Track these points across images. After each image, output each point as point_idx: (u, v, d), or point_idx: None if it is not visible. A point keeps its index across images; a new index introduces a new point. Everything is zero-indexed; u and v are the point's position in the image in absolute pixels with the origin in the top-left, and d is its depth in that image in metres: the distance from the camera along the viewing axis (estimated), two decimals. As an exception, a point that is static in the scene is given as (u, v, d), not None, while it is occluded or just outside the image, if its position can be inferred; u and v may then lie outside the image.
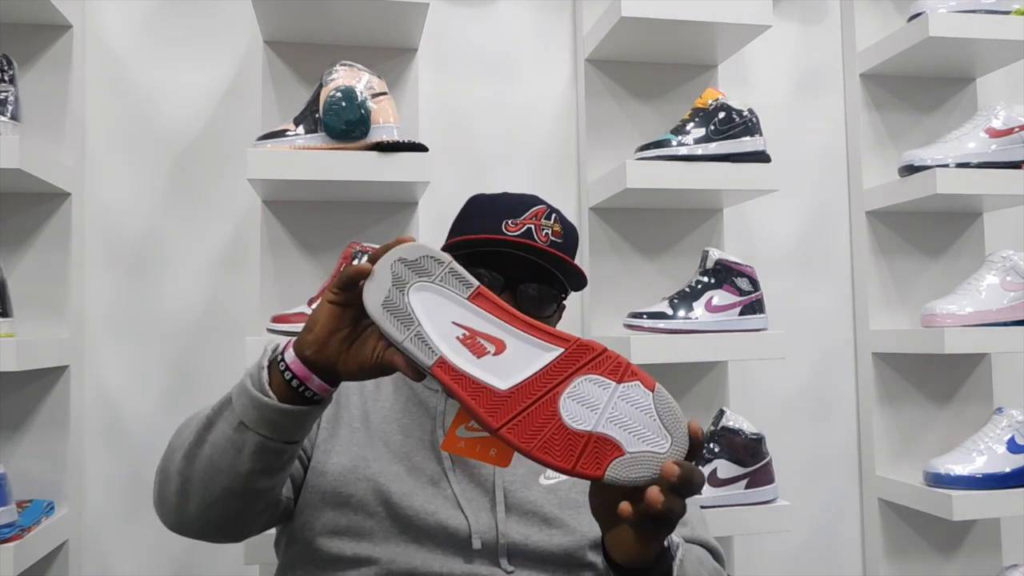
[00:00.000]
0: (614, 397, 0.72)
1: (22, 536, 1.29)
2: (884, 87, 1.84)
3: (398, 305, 0.75)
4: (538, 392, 0.72)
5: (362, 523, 0.98)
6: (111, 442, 1.55)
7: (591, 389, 0.72)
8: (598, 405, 0.71)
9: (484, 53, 1.73)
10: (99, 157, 1.58)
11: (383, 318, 0.75)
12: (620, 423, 0.71)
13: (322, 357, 0.79)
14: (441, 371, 0.73)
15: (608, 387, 0.72)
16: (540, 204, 1.10)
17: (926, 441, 1.79)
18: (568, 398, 0.72)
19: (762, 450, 1.51)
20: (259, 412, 0.80)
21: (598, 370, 0.73)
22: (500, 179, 1.71)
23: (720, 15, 1.53)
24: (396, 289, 0.76)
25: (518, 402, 0.72)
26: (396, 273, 0.76)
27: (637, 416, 0.71)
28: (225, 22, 1.63)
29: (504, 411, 0.72)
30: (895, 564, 1.76)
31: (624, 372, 0.73)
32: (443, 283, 0.76)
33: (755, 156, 1.52)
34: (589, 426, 0.71)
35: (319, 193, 1.51)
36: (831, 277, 1.85)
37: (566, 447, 0.70)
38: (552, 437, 0.71)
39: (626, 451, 0.70)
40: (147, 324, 1.58)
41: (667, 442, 0.71)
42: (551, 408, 0.71)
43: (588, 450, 0.70)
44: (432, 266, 0.77)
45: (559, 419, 0.71)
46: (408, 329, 0.75)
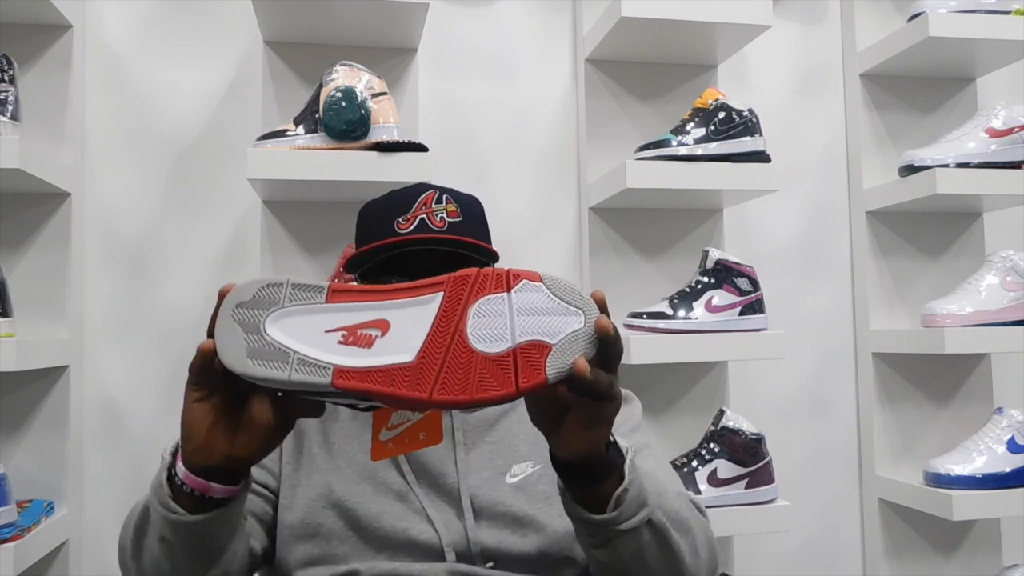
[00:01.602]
0: (512, 306, 0.69)
1: (22, 536, 1.29)
2: (884, 87, 1.84)
3: (262, 348, 0.68)
4: (444, 342, 0.68)
5: (335, 550, 0.97)
6: (111, 442, 1.55)
7: (489, 309, 0.69)
8: (503, 320, 0.69)
9: (484, 53, 1.73)
10: (99, 157, 1.58)
11: (256, 369, 0.68)
12: (532, 324, 0.69)
13: (214, 460, 0.73)
14: (343, 380, 0.67)
15: (502, 299, 0.69)
16: (428, 190, 1.06)
17: (926, 441, 1.79)
18: (473, 330, 0.68)
19: (762, 450, 1.51)
20: (174, 529, 0.76)
21: (484, 291, 0.70)
22: (500, 179, 1.71)
23: (720, 15, 1.53)
24: (251, 335, 0.69)
25: (432, 362, 0.68)
26: (242, 321, 0.69)
27: (541, 309, 0.69)
28: (225, 22, 1.63)
29: (424, 379, 0.67)
30: (895, 564, 1.76)
31: (508, 279, 0.70)
32: (293, 302, 0.70)
33: (755, 156, 1.52)
34: (508, 343, 0.68)
35: (319, 193, 1.51)
36: (831, 277, 1.85)
37: (499, 374, 0.67)
38: (482, 374, 0.67)
39: (551, 345, 0.68)
40: (147, 324, 1.58)
41: (580, 317, 0.69)
42: (464, 348, 0.68)
43: (520, 364, 0.68)
44: (272, 293, 0.70)
45: (477, 354, 0.68)
46: (287, 363, 0.68)
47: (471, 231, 1.06)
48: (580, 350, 0.69)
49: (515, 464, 1.03)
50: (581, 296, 0.70)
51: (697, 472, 1.49)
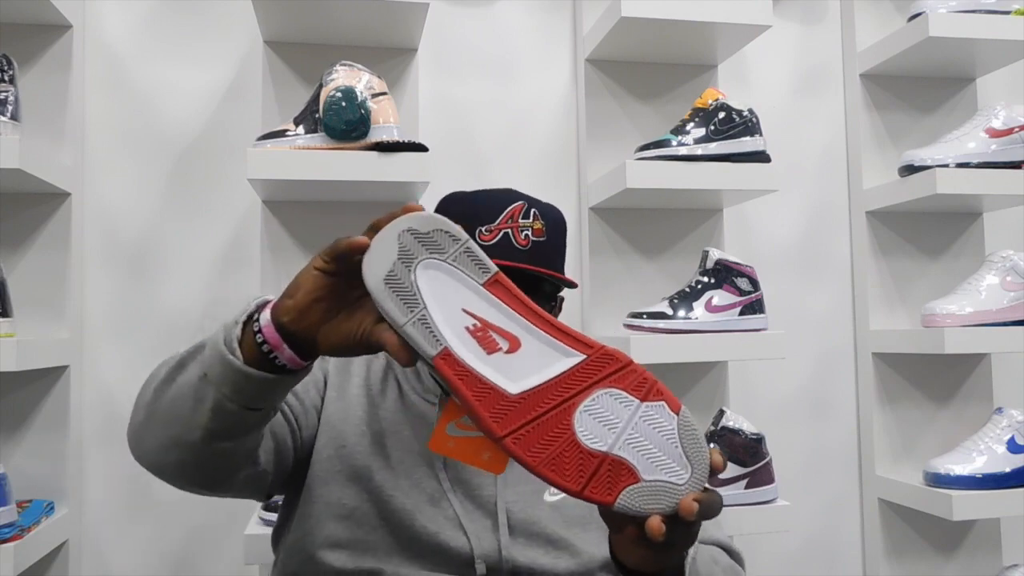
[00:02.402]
0: (635, 417, 0.65)
1: (22, 536, 1.29)
2: (884, 87, 1.84)
3: (402, 282, 0.66)
4: (552, 401, 0.65)
5: (365, 537, 0.95)
6: (111, 442, 1.55)
7: (611, 405, 0.65)
8: (617, 424, 0.65)
9: (484, 53, 1.73)
10: (99, 157, 1.58)
11: (384, 295, 0.66)
12: (639, 447, 0.64)
13: (300, 327, 0.72)
14: (444, 364, 0.65)
15: (630, 405, 0.65)
16: (517, 200, 1.03)
17: (926, 441, 1.79)
18: (584, 412, 0.65)
19: (762, 450, 1.51)
20: (222, 369, 0.74)
21: (621, 384, 0.66)
22: (500, 179, 1.71)
23: (720, 15, 1.53)
24: (402, 263, 0.67)
25: (528, 410, 0.65)
26: (404, 245, 0.67)
27: (658, 440, 0.65)
28: (225, 22, 1.63)
29: (511, 418, 0.64)
30: (895, 564, 1.76)
31: (649, 390, 0.66)
32: (456, 263, 0.67)
33: (755, 156, 1.52)
34: (605, 446, 0.64)
35: (319, 193, 1.51)
36: (831, 277, 1.85)
37: (577, 467, 0.64)
38: (562, 454, 0.64)
39: (642, 478, 0.64)
40: (147, 324, 1.58)
41: (687, 473, 0.64)
42: (565, 421, 0.64)
43: (601, 473, 0.64)
44: (446, 242, 0.67)
45: (572, 435, 0.64)
46: (412, 311, 0.66)
47: (552, 255, 1.04)
48: (662, 504, 0.64)
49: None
50: (702, 453, 0.65)
51: (697, 472, 1.49)
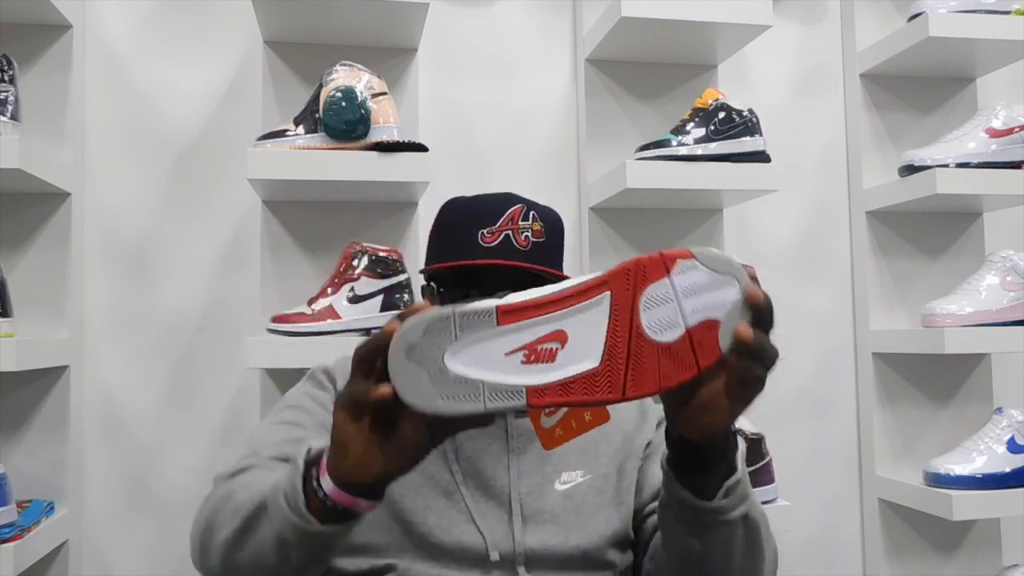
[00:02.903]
0: (676, 290, 0.70)
1: (22, 536, 1.29)
2: (884, 87, 1.84)
3: (449, 386, 0.67)
4: (624, 340, 0.69)
5: (378, 539, 0.97)
6: (111, 442, 1.55)
7: (656, 297, 0.70)
8: (672, 307, 0.69)
9: (484, 53, 1.73)
10: (99, 157, 1.58)
11: (447, 405, 0.67)
12: (697, 304, 0.69)
13: (368, 477, 0.71)
14: (539, 399, 0.68)
15: (666, 285, 0.70)
16: (516, 204, 1.05)
17: (926, 441, 1.78)
18: (648, 323, 0.69)
19: (762, 450, 1.51)
20: (300, 534, 0.74)
21: (647, 281, 0.70)
22: (500, 179, 1.71)
23: (720, 15, 1.53)
24: (434, 374, 0.67)
25: (618, 363, 0.69)
26: (419, 360, 0.67)
27: (702, 285, 0.70)
28: (225, 22, 1.63)
29: (615, 379, 0.69)
30: (895, 564, 1.76)
31: (665, 263, 0.70)
32: (465, 331, 0.68)
33: (755, 156, 1.51)
34: (681, 328, 0.69)
35: (319, 193, 1.51)
36: (831, 277, 1.85)
37: (680, 360, 0.69)
38: (663, 363, 0.69)
39: (720, 320, 0.69)
40: (147, 324, 1.58)
41: (735, 286, 0.70)
42: (643, 341, 0.69)
43: (697, 346, 0.69)
44: (441, 327, 0.67)
45: (656, 344, 0.69)
46: (479, 395, 0.67)
47: (552, 254, 1.07)
48: (741, 317, 0.70)
49: (565, 472, 1.04)
50: (732, 263, 0.70)
51: (697, 472, 1.49)
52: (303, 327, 1.38)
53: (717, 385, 0.72)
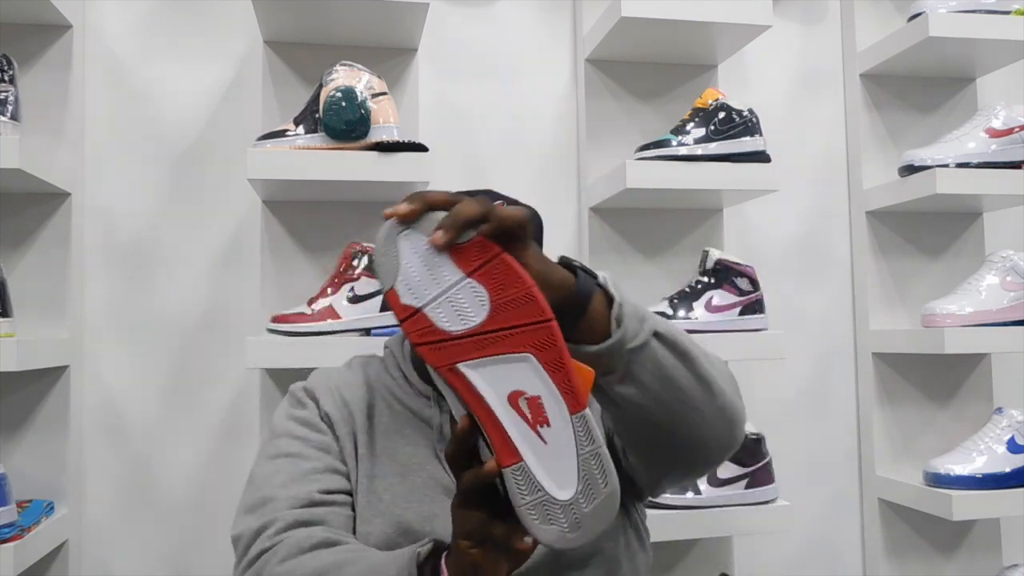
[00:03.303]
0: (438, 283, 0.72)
1: (22, 536, 1.29)
2: (884, 87, 1.84)
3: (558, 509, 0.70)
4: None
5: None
6: (111, 442, 1.55)
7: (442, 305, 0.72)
8: (450, 304, 0.72)
9: (484, 53, 1.73)
10: (99, 157, 1.58)
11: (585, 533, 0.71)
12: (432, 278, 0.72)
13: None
14: (577, 405, 0.71)
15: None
16: (497, 200, 1.05)
17: (926, 441, 1.79)
18: (446, 323, 0.72)
19: (762, 450, 1.51)
20: None
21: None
22: (500, 179, 1.71)
23: (720, 15, 1.53)
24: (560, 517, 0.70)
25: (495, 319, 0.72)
26: (539, 512, 0.70)
27: (424, 245, 0.73)
28: (225, 22, 1.63)
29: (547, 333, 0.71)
30: (895, 564, 1.76)
31: (392, 301, 0.73)
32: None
33: (755, 156, 1.51)
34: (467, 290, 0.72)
35: (319, 193, 1.51)
36: (831, 277, 1.85)
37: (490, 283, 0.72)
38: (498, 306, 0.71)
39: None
40: (147, 324, 1.58)
41: (418, 230, 0.73)
42: (496, 320, 0.72)
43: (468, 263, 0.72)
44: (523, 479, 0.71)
45: (463, 331, 0.71)
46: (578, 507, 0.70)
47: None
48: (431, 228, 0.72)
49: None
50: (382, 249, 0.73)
51: (697, 472, 1.49)
52: (303, 327, 1.38)
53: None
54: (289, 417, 1.04)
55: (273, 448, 1.01)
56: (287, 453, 0.99)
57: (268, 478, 0.97)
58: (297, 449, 0.99)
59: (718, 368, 0.88)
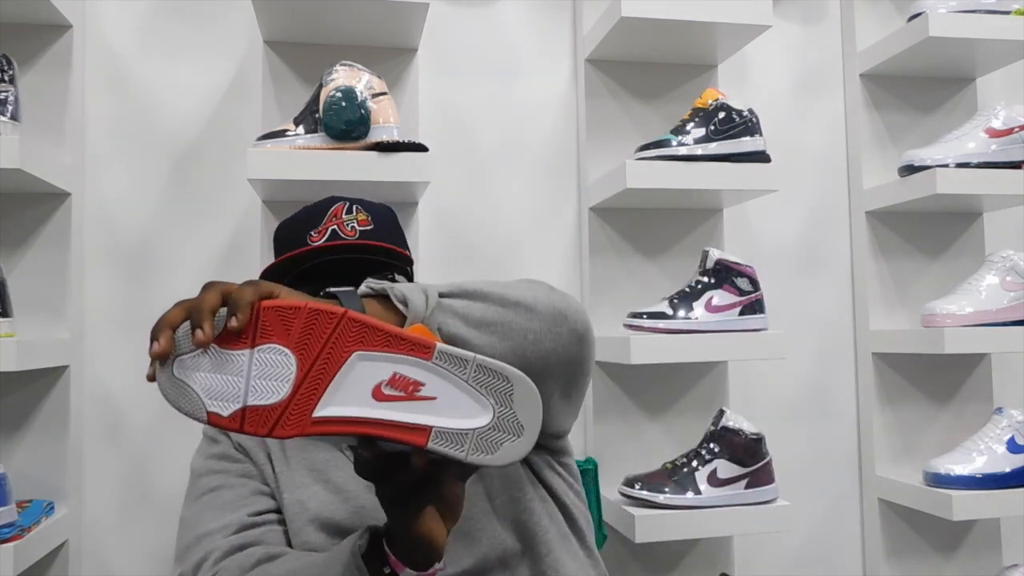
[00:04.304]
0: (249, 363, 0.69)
1: (22, 536, 1.29)
2: (884, 87, 1.84)
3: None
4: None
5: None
6: (111, 442, 1.55)
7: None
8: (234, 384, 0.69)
9: (484, 53, 1.73)
10: (99, 157, 1.58)
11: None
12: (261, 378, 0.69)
13: (440, 546, 0.75)
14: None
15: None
16: (338, 202, 1.08)
17: (926, 441, 1.79)
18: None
19: (762, 450, 1.51)
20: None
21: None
22: (500, 179, 1.71)
23: (720, 15, 1.53)
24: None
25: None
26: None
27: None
28: (225, 22, 1.63)
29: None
30: (895, 564, 1.76)
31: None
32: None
33: (755, 156, 1.52)
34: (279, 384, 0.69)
35: (319, 193, 1.50)
36: (831, 277, 1.85)
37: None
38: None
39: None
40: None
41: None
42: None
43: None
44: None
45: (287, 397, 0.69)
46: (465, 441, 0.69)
47: (383, 237, 1.07)
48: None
49: None
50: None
51: (697, 472, 1.49)
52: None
53: None
54: (206, 456, 1.06)
55: (196, 489, 1.03)
56: (210, 489, 1.01)
57: (197, 516, 0.99)
58: (219, 482, 1.02)
59: (529, 288, 0.87)
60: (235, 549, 0.93)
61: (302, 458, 1.04)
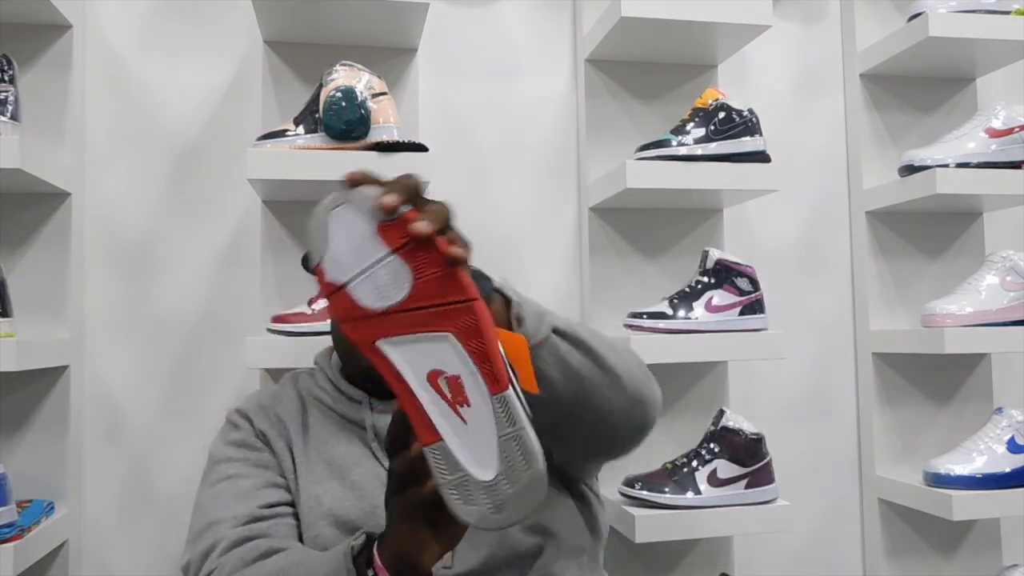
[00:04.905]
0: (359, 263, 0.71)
1: (22, 536, 1.29)
2: (884, 87, 1.84)
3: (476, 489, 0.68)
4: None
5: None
6: (111, 442, 1.55)
7: (358, 276, 0.71)
8: (366, 274, 0.70)
9: (484, 53, 1.73)
10: (99, 157, 1.58)
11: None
12: (367, 250, 0.71)
13: (429, 564, 0.75)
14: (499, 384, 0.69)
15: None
16: None
17: (926, 441, 1.78)
18: (368, 300, 0.70)
19: (762, 450, 1.51)
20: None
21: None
22: (500, 179, 1.71)
23: (720, 15, 1.53)
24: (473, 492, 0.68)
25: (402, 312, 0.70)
26: (457, 490, 0.69)
27: (361, 227, 0.72)
28: (225, 22, 1.63)
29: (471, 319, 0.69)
30: (895, 564, 1.76)
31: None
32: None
33: (755, 156, 1.51)
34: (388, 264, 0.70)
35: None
36: (831, 277, 1.85)
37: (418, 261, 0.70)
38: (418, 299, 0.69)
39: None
40: (147, 324, 1.58)
41: (366, 204, 0.72)
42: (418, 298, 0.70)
43: (413, 259, 0.70)
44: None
45: (382, 309, 0.70)
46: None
47: None
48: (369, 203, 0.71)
49: None
50: (349, 194, 0.73)
51: (697, 472, 1.49)
52: (303, 327, 1.38)
53: None
54: (225, 443, 1.08)
55: (213, 475, 1.04)
56: (226, 476, 1.03)
57: (210, 503, 1.00)
58: (236, 471, 1.03)
59: (624, 357, 0.89)
60: (241, 540, 0.94)
61: (322, 452, 1.05)
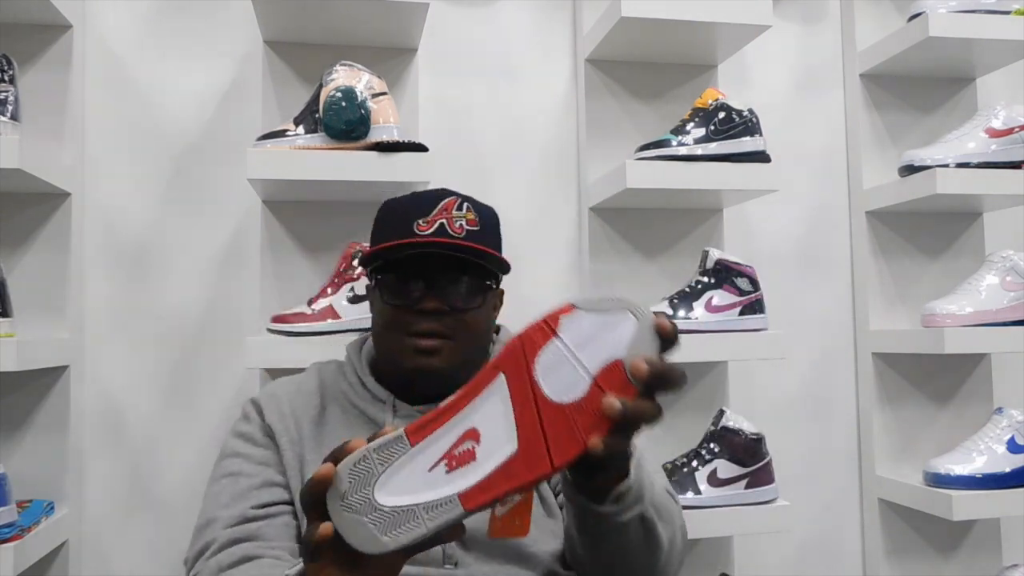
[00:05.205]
0: (567, 347, 0.69)
1: (22, 536, 1.29)
2: (884, 87, 1.84)
3: (388, 521, 0.67)
4: (532, 415, 0.69)
5: None
6: (111, 442, 1.55)
7: (550, 362, 0.69)
8: (568, 365, 0.69)
9: (484, 53, 1.73)
10: (99, 157, 1.58)
11: (393, 540, 0.67)
12: (594, 351, 0.69)
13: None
14: (472, 502, 0.68)
15: (555, 347, 0.69)
16: (450, 196, 1.08)
17: (926, 441, 1.78)
18: (550, 390, 0.69)
19: (762, 450, 1.51)
20: None
21: (535, 349, 0.69)
22: (500, 179, 1.71)
23: (720, 15, 1.53)
24: (371, 516, 0.67)
25: (534, 437, 0.68)
26: (354, 508, 0.68)
27: (593, 331, 0.69)
28: (225, 22, 1.63)
29: (537, 455, 0.68)
30: (895, 564, 1.76)
31: (548, 325, 0.70)
32: (385, 464, 0.68)
33: (755, 156, 1.51)
34: (586, 381, 0.68)
35: (319, 193, 1.51)
36: (831, 277, 1.85)
37: (595, 406, 0.68)
38: (578, 420, 0.68)
39: (622, 357, 0.69)
40: (147, 324, 1.58)
41: (628, 318, 0.69)
42: (551, 408, 0.68)
43: (609, 390, 0.68)
44: (364, 468, 0.69)
45: (564, 406, 0.68)
46: (418, 519, 0.67)
47: (487, 241, 1.08)
48: (645, 347, 0.69)
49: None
50: (617, 299, 0.70)
51: (697, 472, 1.49)
52: (303, 327, 1.38)
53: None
54: (235, 434, 1.09)
55: (221, 468, 1.06)
56: (230, 472, 1.04)
57: (214, 499, 1.03)
58: (238, 467, 1.05)
59: (674, 532, 0.92)
60: (233, 542, 0.96)
61: (329, 447, 1.04)
